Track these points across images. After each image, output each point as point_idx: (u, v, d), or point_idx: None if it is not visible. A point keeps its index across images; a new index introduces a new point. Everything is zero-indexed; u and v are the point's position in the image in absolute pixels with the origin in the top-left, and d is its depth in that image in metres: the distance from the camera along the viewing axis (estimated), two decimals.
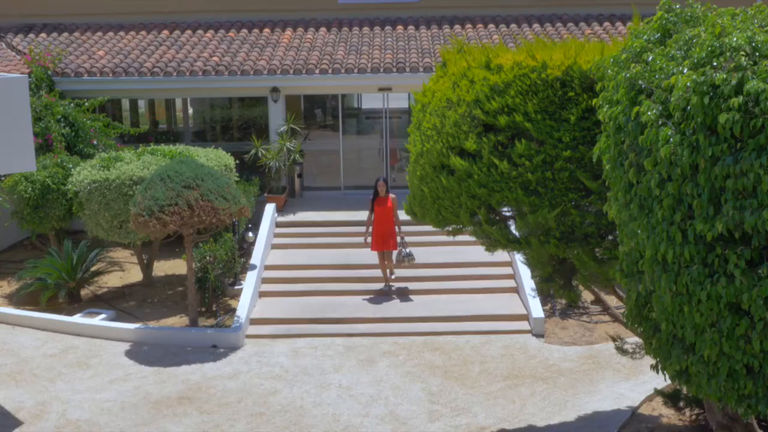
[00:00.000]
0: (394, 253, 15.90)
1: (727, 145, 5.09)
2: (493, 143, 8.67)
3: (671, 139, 5.34)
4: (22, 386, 12.81)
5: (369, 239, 15.81)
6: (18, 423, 11.58)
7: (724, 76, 5.14)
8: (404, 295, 15.80)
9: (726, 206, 5.08)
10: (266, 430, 11.23)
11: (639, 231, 5.80)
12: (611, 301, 15.20)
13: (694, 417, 10.93)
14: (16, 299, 16.72)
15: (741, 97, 5.01)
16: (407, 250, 15.77)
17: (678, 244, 5.39)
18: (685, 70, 5.42)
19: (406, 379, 12.74)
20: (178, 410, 11.89)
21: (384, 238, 15.71)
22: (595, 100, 6.87)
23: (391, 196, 15.77)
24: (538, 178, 8.50)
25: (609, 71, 6.58)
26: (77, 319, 15.36)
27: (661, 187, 5.48)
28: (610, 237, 8.72)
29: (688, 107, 5.27)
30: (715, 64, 5.29)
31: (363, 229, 18.25)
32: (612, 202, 6.44)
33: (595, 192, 8.37)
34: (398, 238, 15.80)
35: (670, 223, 5.45)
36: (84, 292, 17.04)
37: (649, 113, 5.57)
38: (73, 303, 16.49)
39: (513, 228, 9.34)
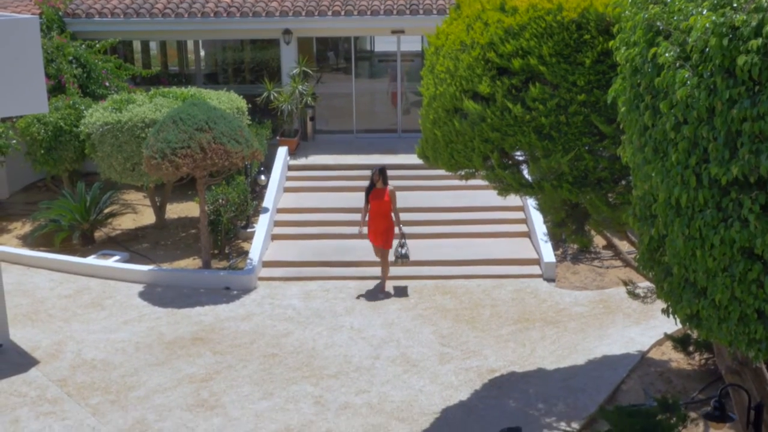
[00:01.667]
0: (391, 252, 14.00)
1: (744, 87, 5.02)
2: (507, 87, 8.59)
3: (688, 82, 5.28)
4: (37, 326, 12.97)
5: (363, 230, 14.02)
6: (35, 362, 11.75)
7: (744, 17, 5.05)
8: (402, 291, 14.03)
9: (742, 150, 5.04)
10: (279, 371, 11.36)
11: (653, 174, 5.76)
12: (623, 246, 15.18)
13: (703, 361, 11.00)
14: (30, 241, 16.84)
15: (760, 39, 4.93)
16: (404, 250, 13.84)
17: (692, 187, 5.35)
18: (704, 12, 5.33)
19: (417, 322, 12.83)
20: (192, 351, 12.03)
21: (378, 236, 13.89)
22: (611, 42, 6.78)
23: (389, 188, 13.77)
24: (551, 122, 8.44)
25: (627, 12, 6.48)
26: (91, 260, 15.48)
27: (677, 130, 5.43)
28: (623, 182, 8.68)
29: (707, 49, 5.20)
30: (735, 5, 5.20)
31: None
32: (626, 145, 6.39)
33: (609, 136, 8.31)
34: (396, 231, 13.90)
35: (684, 166, 5.41)
36: (97, 233, 17.14)
37: (666, 55, 5.49)
38: (87, 245, 16.61)
39: (526, 172, 9.30)
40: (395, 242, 13.94)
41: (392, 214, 13.79)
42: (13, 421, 10.22)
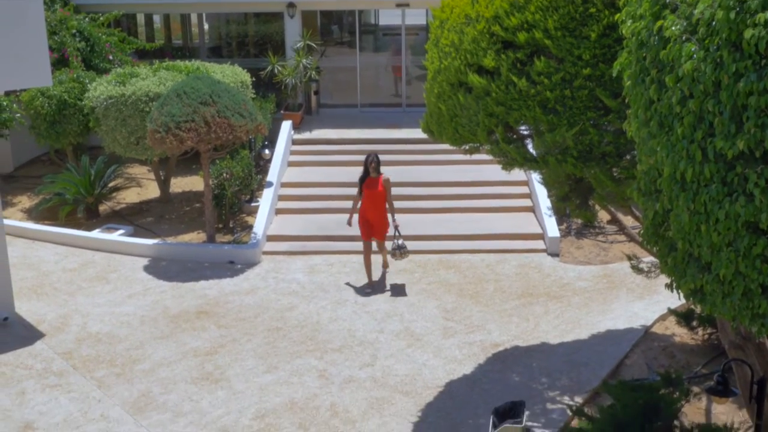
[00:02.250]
0: (388, 244, 13.36)
1: (751, 61, 4.98)
2: (512, 60, 8.55)
3: (694, 55, 5.24)
4: (43, 299, 13.02)
5: (353, 220, 13.23)
6: (40, 335, 11.81)
7: None
8: (401, 289, 13.16)
9: (747, 124, 5.01)
10: (283, 345, 11.41)
11: (658, 149, 5.74)
12: (627, 220, 15.19)
13: (706, 336, 11.02)
14: (35, 214, 16.87)
15: (767, 13, 4.90)
16: (400, 241, 13.05)
17: (698, 162, 5.33)
18: None
19: (421, 297, 12.86)
20: (197, 324, 12.08)
21: (371, 227, 13.05)
22: (617, 15, 6.74)
23: (383, 176, 12.96)
24: (556, 97, 8.40)
25: None
26: (96, 234, 15.51)
27: (683, 104, 5.40)
28: (628, 156, 8.65)
29: (713, 22, 5.16)
30: None
31: (379, 147, 18.21)
32: (631, 119, 6.36)
33: (614, 110, 8.27)
34: (392, 225, 13.15)
35: (690, 140, 5.38)
36: (102, 207, 17.16)
37: (672, 28, 5.45)
38: (92, 218, 16.64)
39: (530, 147, 9.27)
40: (391, 233, 13.23)
41: (386, 205, 13.08)
42: (19, 393, 10.28)
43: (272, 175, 16.76)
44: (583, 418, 8.03)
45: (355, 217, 13.23)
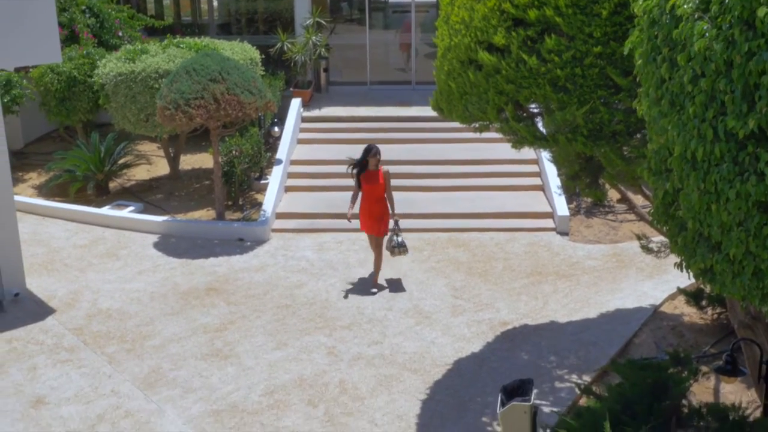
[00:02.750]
0: (385, 239, 12.60)
1: (764, 40, 4.94)
2: (522, 38, 8.50)
3: (706, 34, 5.20)
4: (53, 275, 13.08)
5: (352, 215, 12.43)
6: (51, 311, 11.88)
7: None
8: (398, 285, 12.55)
9: (759, 103, 4.97)
10: (292, 322, 11.45)
11: (669, 128, 5.71)
12: (637, 200, 15.14)
13: (715, 316, 11.01)
14: (45, 190, 16.93)
15: None
16: (399, 238, 12.45)
17: (709, 141, 5.30)
18: None
19: (430, 275, 12.87)
20: (206, 301, 12.13)
21: (372, 223, 12.40)
22: None
23: (383, 169, 12.30)
24: (567, 75, 8.36)
25: None
26: (106, 210, 15.56)
27: (694, 83, 5.37)
28: (639, 135, 8.61)
29: (726, 0, 5.12)
30: None
31: (389, 124, 18.19)
32: (642, 98, 6.33)
33: (624, 89, 8.23)
34: (391, 222, 12.51)
35: (701, 119, 5.35)
36: (112, 184, 17.20)
37: (685, 6, 5.41)
38: (102, 195, 16.68)
39: (540, 125, 9.24)
40: (390, 231, 12.54)
41: (386, 199, 12.39)
42: (30, 369, 10.36)
43: (281, 153, 16.75)
44: (591, 397, 8.05)
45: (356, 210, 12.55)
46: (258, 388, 9.89)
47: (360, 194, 12.45)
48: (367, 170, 12.22)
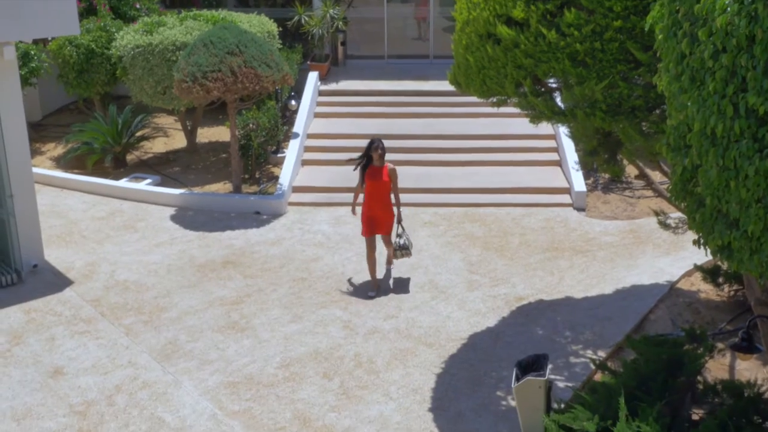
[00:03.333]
0: (393, 235, 11.84)
1: None
2: (542, 12, 8.43)
3: (728, 9, 5.15)
4: (71, 247, 13.17)
5: (354, 208, 11.95)
6: (69, 282, 11.97)
7: None
8: (404, 286, 11.81)
9: None
10: (308, 295, 11.49)
11: (689, 104, 5.67)
12: (655, 176, 15.05)
13: (732, 293, 10.97)
14: (63, 163, 17.00)
15: None
16: (402, 240, 11.71)
17: (729, 117, 5.26)
18: None
19: (446, 249, 12.88)
20: (223, 274, 12.19)
21: (376, 222, 11.58)
22: None
23: (389, 165, 11.48)
24: (586, 49, 8.29)
25: None
26: (123, 183, 15.63)
27: (715, 59, 5.32)
28: (658, 110, 8.54)
29: None
30: None
31: (406, 99, 18.14)
32: (662, 73, 6.28)
33: (644, 64, 8.16)
34: (395, 223, 11.73)
35: (721, 96, 5.31)
36: (129, 157, 17.26)
37: None
38: (119, 167, 16.75)
39: (558, 100, 9.18)
40: (393, 231, 11.80)
41: (392, 197, 11.62)
42: (49, 339, 10.46)
43: (298, 126, 16.75)
44: (606, 373, 8.06)
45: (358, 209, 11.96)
46: (274, 360, 9.95)
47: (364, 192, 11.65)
48: (371, 166, 11.46)
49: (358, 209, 11.89)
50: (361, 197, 11.79)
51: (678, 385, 7.39)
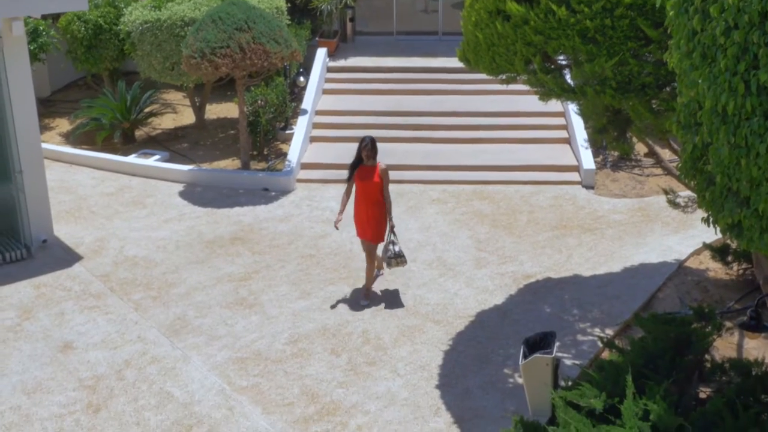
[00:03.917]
0: (380, 246, 10.89)
1: None
2: None
3: None
4: (80, 223, 13.21)
5: (339, 220, 10.74)
6: (78, 257, 12.02)
7: None
8: (395, 299, 10.77)
9: None
10: (316, 272, 11.51)
11: (700, 81, 5.63)
12: (665, 154, 14.99)
13: (741, 271, 10.95)
14: (72, 138, 17.02)
15: None
16: (397, 247, 10.59)
17: (740, 95, 5.23)
18: None
19: (454, 227, 12.87)
20: (231, 250, 12.21)
21: (366, 225, 10.61)
22: None
23: (381, 165, 10.49)
24: (596, 26, 8.23)
25: None
26: (132, 159, 15.65)
27: (727, 35, 5.28)
28: (668, 88, 8.49)
29: None
30: None
31: (415, 75, 18.07)
32: (673, 50, 6.23)
33: (655, 41, 8.10)
34: (387, 229, 10.65)
35: (733, 73, 5.27)
36: (138, 132, 17.27)
37: None
38: (128, 143, 16.76)
39: (568, 77, 9.13)
40: (386, 238, 10.71)
41: (384, 200, 10.53)
42: (59, 314, 10.52)
43: (307, 103, 16.71)
44: (614, 350, 8.06)
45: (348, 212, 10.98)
46: (282, 336, 9.99)
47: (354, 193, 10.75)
48: (361, 165, 10.54)
49: (347, 213, 10.88)
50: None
51: (685, 363, 7.39)
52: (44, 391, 9.03)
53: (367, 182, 10.47)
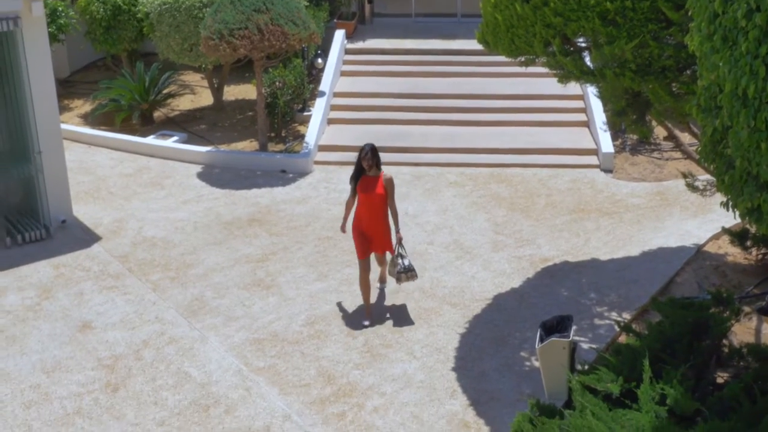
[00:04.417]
0: (387, 254, 10.20)
1: None
2: None
3: None
4: (99, 204, 13.28)
5: (344, 225, 10.29)
6: (97, 238, 12.09)
7: None
8: (403, 312, 10.16)
9: None
10: (333, 254, 11.53)
11: (720, 64, 5.59)
12: (684, 137, 14.89)
13: (760, 256, 10.89)
14: (91, 119, 17.08)
15: None
16: (406, 261, 9.89)
17: (761, 78, 5.18)
18: None
19: (472, 210, 12.85)
20: (249, 231, 12.25)
21: (369, 239, 9.90)
22: None
23: (385, 175, 9.77)
24: (616, 8, 8.17)
25: None
26: (150, 140, 15.69)
27: (748, 18, 5.23)
28: (689, 71, 8.43)
29: None
30: None
31: (433, 57, 17.99)
32: (694, 33, 6.18)
33: (676, 23, 8.03)
34: (393, 241, 9.95)
35: (754, 56, 5.22)
36: (156, 114, 17.31)
37: None
38: (146, 124, 16.81)
39: (587, 59, 9.08)
40: (393, 250, 10.05)
41: (389, 212, 9.89)
42: (78, 294, 10.60)
43: (325, 85, 16.69)
44: (631, 335, 8.05)
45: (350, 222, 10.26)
46: (299, 318, 10.03)
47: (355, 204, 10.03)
48: (364, 175, 9.86)
49: (349, 225, 10.18)
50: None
51: (703, 348, 7.37)
52: (63, 370, 9.12)
53: (370, 194, 9.70)
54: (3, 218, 12.33)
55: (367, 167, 9.73)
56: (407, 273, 9.87)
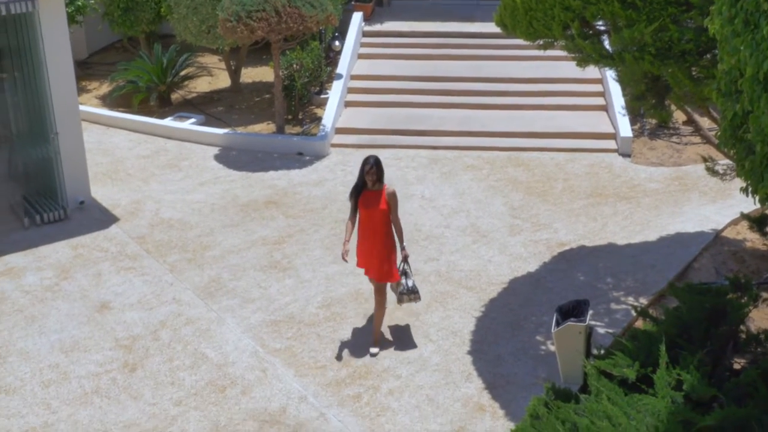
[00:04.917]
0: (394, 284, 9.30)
1: None
2: None
3: None
4: (117, 185, 13.34)
5: (347, 249, 8.93)
6: (115, 219, 12.15)
7: None
8: (406, 337, 9.40)
9: None
10: None
11: (742, 48, 5.53)
12: (704, 122, 14.79)
13: None
14: (109, 101, 17.14)
15: None
16: (410, 281, 9.15)
17: None
18: None
19: (488, 193, 12.83)
20: (265, 214, 12.28)
21: (370, 261, 9.08)
22: None
23: (387, 189, 8.90)
24: None
25: None
26: (168, 122, 15.73)
27: None
28: (709, 55, 8.35)
29: None
30: None
31: (451, 40, 17.92)
32: (715, 16, 6.12)
33: (696, 6, 7.96)
34: (398, 258, 9.16)
35: None
36: (174, 95, 17.34)
37: None
38: (164, 106, 16.84)
39: (606, 43, 9.01)
40: (395, 278, 9.14)
41: (393, 229, 9.04)
42: (96, 275, 10.66)
43: (342, 67, 16.66)
44: (648, 320, 8.02)
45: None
46: (315, 300, 10.06)
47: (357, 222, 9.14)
48: (365, 190, 8.99)
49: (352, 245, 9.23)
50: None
51: (720, 334, 7.33)
52: (81, 349, 9.19)
53: (372, 210, 8.88)
54: (22, 199, 12.41)
55: (370, 182, 8.86)
56: (410, 294, 9.15)
